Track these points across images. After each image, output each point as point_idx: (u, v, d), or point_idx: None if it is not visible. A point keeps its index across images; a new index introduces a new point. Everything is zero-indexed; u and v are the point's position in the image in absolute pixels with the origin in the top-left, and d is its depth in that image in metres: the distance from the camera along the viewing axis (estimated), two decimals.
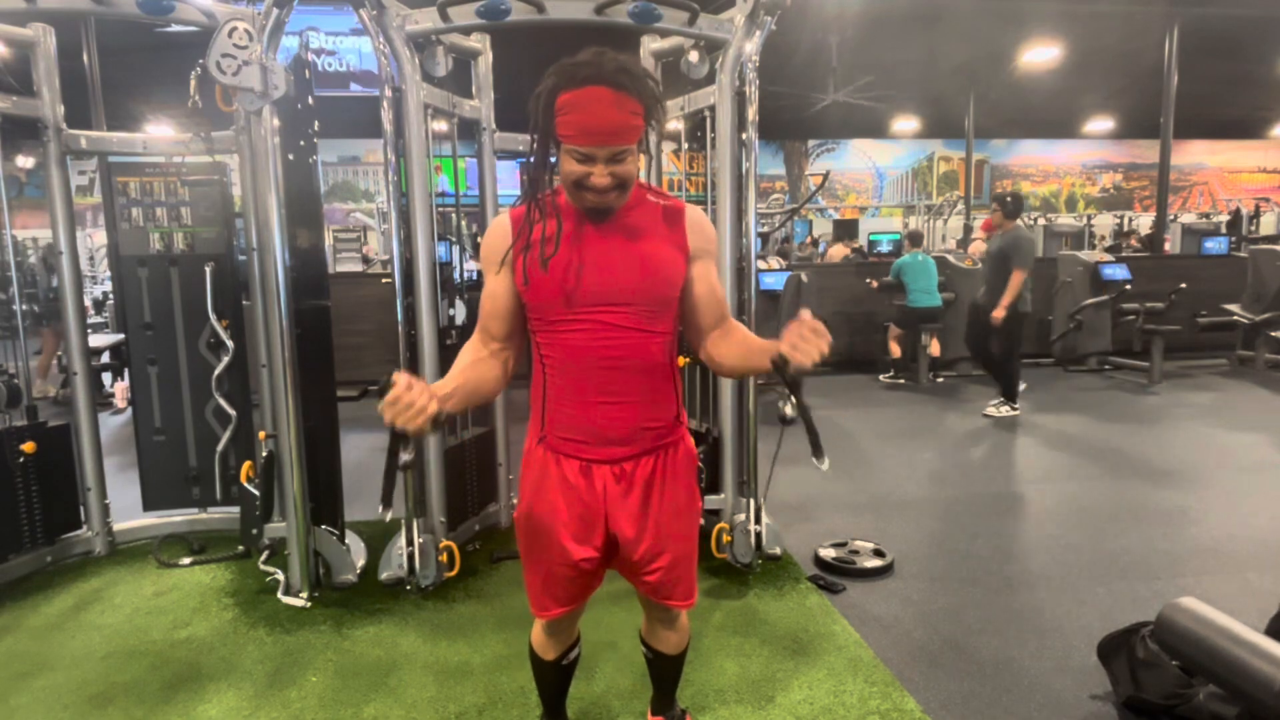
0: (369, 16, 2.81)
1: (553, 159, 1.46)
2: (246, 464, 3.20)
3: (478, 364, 1.57)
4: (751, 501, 3.15)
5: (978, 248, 8.98)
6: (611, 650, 2.60)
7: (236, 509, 3.32)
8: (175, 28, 3.14)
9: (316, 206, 3.22)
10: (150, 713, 2.32)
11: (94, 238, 12.41)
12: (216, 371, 3.47)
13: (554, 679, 1.98)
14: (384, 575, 3.03)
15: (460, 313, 3.35)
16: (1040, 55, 12.28)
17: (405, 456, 1.41)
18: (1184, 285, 7.49)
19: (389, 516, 1.62)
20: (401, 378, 1.33)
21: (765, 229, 10.33)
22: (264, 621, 2.85)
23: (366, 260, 12.45)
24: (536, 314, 1.56)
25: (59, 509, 3.37)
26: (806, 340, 1.34)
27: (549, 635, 1.87)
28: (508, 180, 3.66)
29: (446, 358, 3.06)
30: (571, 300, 1.50)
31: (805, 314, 1.37)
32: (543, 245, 1.50)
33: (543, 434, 1.64)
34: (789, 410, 1.37)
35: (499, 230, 1.57)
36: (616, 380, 1.55)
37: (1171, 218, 14.52)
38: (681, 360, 1.69)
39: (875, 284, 7.56)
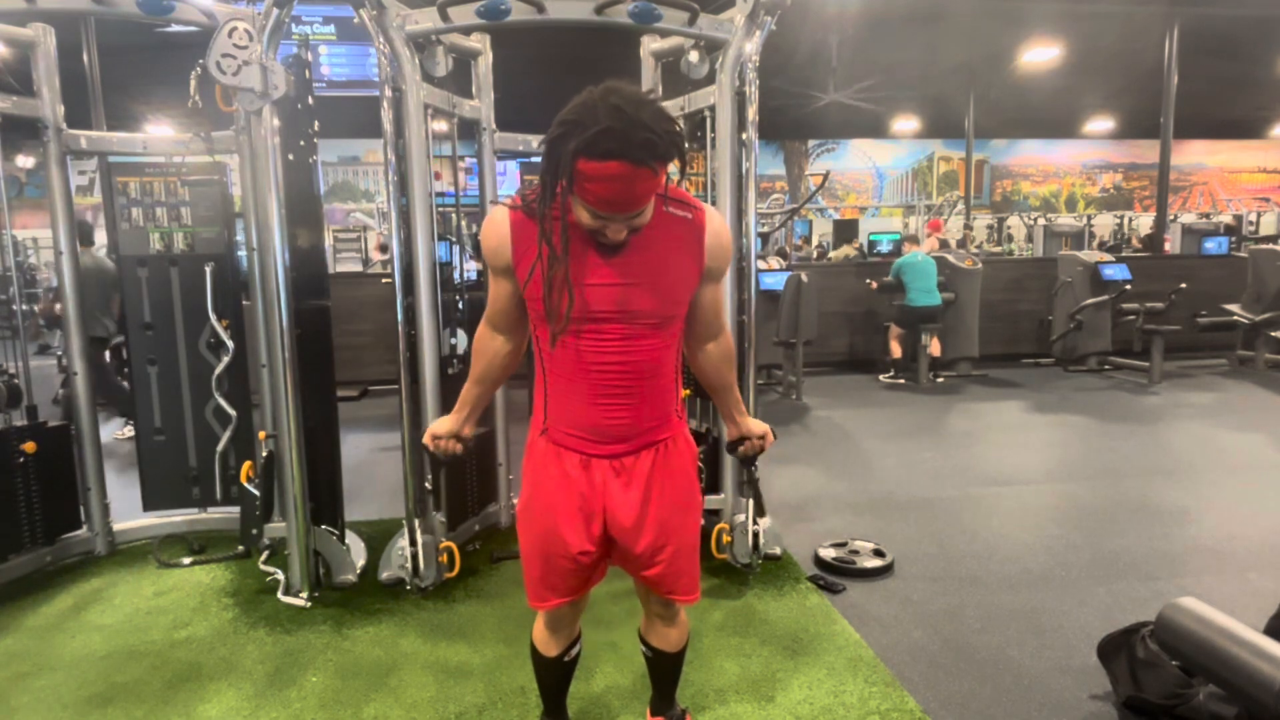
0: (369, 16, 2.81)
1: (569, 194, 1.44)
2: (246, 464, 3.19)
3: (492, 364, 1.72)
4: (751, 501, 3.15)
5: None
6: (611, 650, 2.60)
7: (236, 509, 3.32)
8: (175, 28, 3.14)
9: (316, 206, 3.22)
10: (150, 713, 2.32)
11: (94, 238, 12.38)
12: (216, 371, 3.47)
13: (555, 676, 1.97)
14: (384, 575, 3.04)
15: (462, 341, 3.32)
16: (1040, 55, 12.28)
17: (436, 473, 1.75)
18: (1184, 285, 7.49)
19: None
20: (427, 437, 1.76)
21: (765, 229, 10.33)
22: (264, 621, 2.85)
23: (367, 260, 12.45)
24: (541, 320, 1.56)
25: (59, 509, 3.37)
26: (754, 446, 1.84)
27: (550, 631, 1.87)
28: (508, 180, 3.65)
29: (447, 385, 3.04)
30: (579, 314, 1.51)
31: (767, 431, 1.84)
32: (557, 289, 1.50)
33: (544, 427, 1.66)
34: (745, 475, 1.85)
35: (498, 229, 1.55)
36: (619, 383, 1.57)
37: (1171, 218, 14.53)
38: (685, 392, 1.78)
39: (875, 285, 7.56)
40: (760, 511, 1.90)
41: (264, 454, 3.09)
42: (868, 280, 7.72)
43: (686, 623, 1.94)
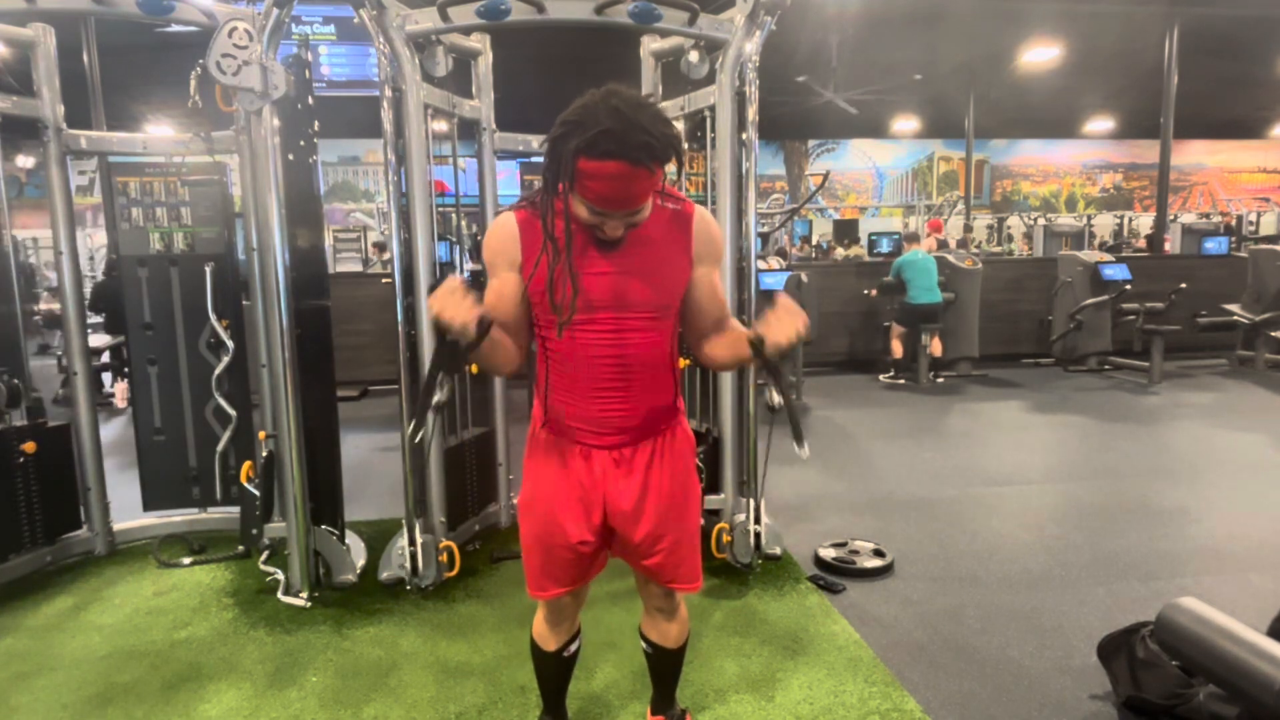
0: (369, 16, 2.81)
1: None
2: (246, 464, 3.20)
3: (494, 348, 1.60)
4: (751, 501, 3.15)
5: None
6: (611, 650, 2.60)
7: (236, 509, 3.32)
8: (175, 28, 3.14)
9: (316, 206, 3.22)
10: (150, 713, 2.33)
11: (94, 238, 12.42)
12: (216, 371, 3.47)
13: (554, 672, 1.98)
14: (384, 575, 3.03)
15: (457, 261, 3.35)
16: (1040, 55, 12.29)
17: (440, 395, 1.43)
18: (1184, 285, 7.49)
19: (419, 437, 1.64)
20: (455, 279, 1.39)
21: (765, 229, 10.32)
22: (264, 621, 2.85)
23: (366, 260, 12.45)
24: (543, 315, 1.59)
25: (59, 509, 3.37)
26: (780, 320, 1.44)
27: (550, 625, 1.88)
28: (508, 180, 3.65)
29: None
30: (579, 306, 1.54)
31: (782, 297, 1.46)
32: (553, 284, 1.51)
33: (545, 419, 1.69)
34: (775, 399, 1.45)
35: (505, 230, 1.59)
36: (618, 375, 1.60)
37: (1171, 218, 14.53)
38: (682, 362, 1.75)
39: (874, 292, 7.54)
40: (799, 437, 1.55)
41: (264, 454, 3.09)
42: (867, 290, 7.70)
43: (686, 619, 1.94)
